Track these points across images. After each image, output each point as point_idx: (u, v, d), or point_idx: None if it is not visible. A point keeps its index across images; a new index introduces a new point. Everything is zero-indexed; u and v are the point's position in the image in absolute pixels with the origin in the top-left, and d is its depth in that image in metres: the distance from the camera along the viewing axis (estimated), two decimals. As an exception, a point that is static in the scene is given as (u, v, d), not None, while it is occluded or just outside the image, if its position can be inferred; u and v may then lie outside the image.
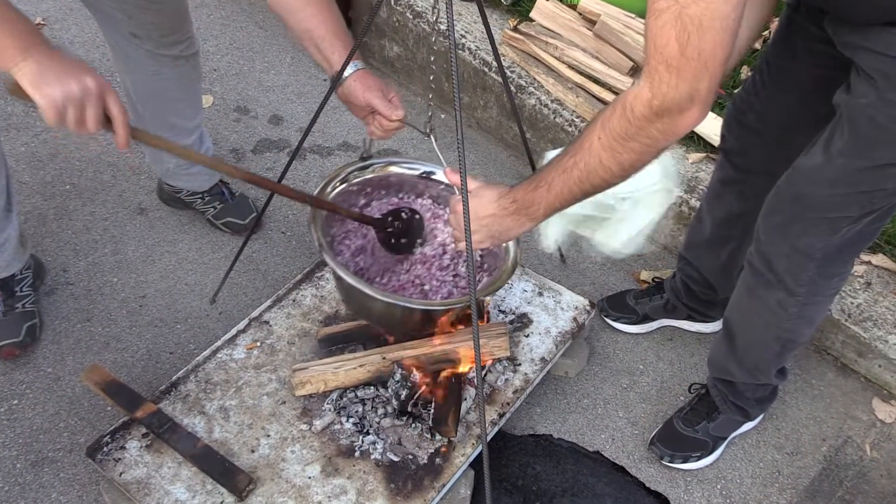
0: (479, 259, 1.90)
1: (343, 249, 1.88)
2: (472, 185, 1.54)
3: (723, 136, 1.95)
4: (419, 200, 1.98)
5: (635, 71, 2.64)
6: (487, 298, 2.13)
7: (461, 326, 1.95)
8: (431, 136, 1.77)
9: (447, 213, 1.89)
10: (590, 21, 2.77)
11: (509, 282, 2.21)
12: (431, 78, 1.80)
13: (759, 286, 1.74)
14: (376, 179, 1.93)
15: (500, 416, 1.92)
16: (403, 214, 1.85)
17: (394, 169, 1.93)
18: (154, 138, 1.55)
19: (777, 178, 1.63)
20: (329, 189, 1.86)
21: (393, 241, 1.84)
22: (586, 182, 1.34)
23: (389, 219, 1.83)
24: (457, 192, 1.66)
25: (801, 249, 1.61)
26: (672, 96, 1.16)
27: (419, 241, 1.89)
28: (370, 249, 1.89)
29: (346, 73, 1.68)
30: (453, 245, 1.84)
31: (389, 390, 1.87)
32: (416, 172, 1.94)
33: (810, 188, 1.54)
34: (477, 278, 1.84)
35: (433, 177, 1.94)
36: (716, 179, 2.03)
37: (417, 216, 1.86)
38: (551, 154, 1.62)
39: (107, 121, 1.43)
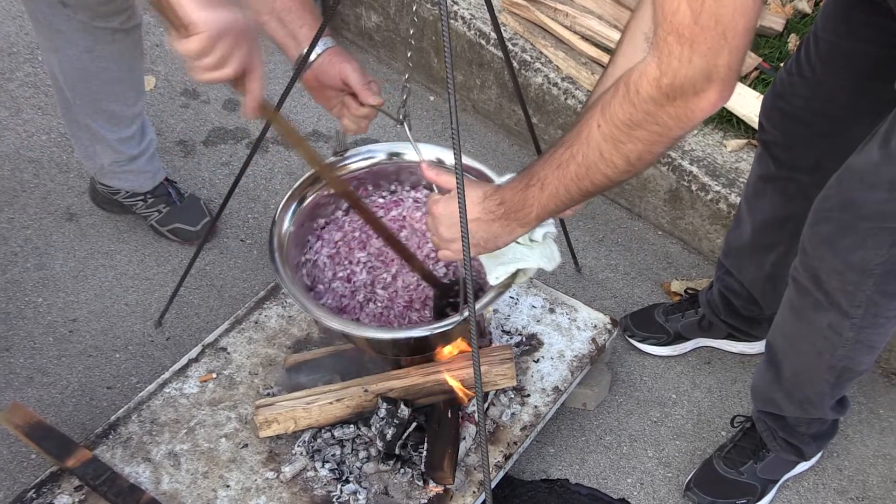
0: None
1: (318, 250, 1.89)
2: (451, 182, 1.53)
3: (761, 126, 1.95)
4: (413, 193, 1.98)
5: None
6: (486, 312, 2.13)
7: (458, 351, 1.95)
8: (405, 124, 1.76)
9: None
10: (606, -17, 2.78)
11: (514, 296, 2.22)
12: (409, 55, 1.78)
13: (807, 307, 1.73)
14: (359, 174, 1.93)
15: (506, 457, 1.92)
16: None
17: (358, 163, 1.94)
18: (290, 129, 1.58)
19: (830, 176, 1.61)
20: (302, 196, 1.87)
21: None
22: (585, 179, 1.33)
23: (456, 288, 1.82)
24: (435, 191, 1.65)
25: (854, 265, 1.60)
26: (685, 73, 1.15)
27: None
28: (344, 253, 1.89)
29: (315, 52, 1.68)
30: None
31: (373, 429, 1.86)
32: (380, 157, 1.95)
33: (865, 193, 1.53)
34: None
35: (405, 157, 1.95)
36: (755, 175, 2.03)
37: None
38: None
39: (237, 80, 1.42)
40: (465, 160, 1.86)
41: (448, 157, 1.88)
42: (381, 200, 1.98)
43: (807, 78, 1.78)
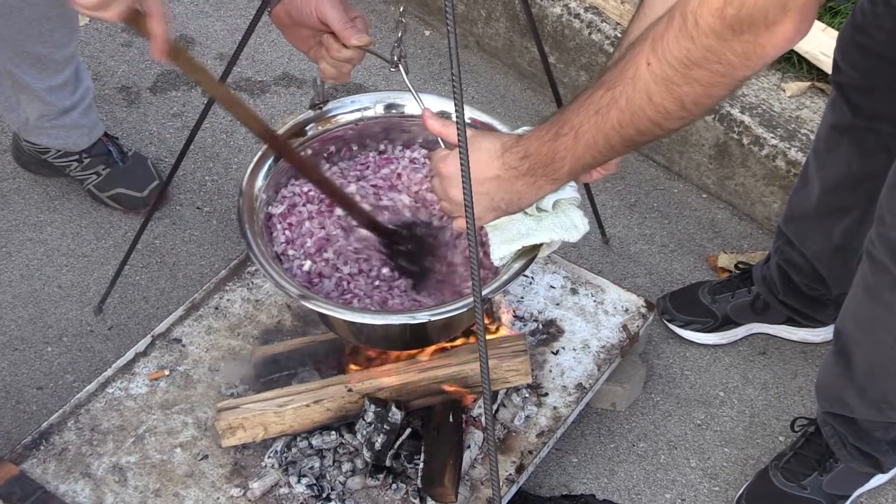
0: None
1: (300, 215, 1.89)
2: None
3: (836, 65, 1.94)
4: (407, 153, 1.97)
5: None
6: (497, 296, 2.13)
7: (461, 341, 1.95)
8: (400, 66, 1.76)
9: None
10: None
11: (529, 274, 2.21)
12: (405, -20, 1.78)
13: (884, 286, 1.73)
14: (341, 131, 1.93)
15: (520, 469, 1.92)
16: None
17: (345, 116, 1.93)
18: (199, 69, 1.64)
19: None
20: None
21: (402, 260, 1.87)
22: (629, 126, 1.33)
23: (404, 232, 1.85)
24: (442, 145, 1.64)
25: None
26: (754, 1, 1.15)
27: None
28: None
29: None
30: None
31: (359, 436, 1.87)
32: (371, 109, 1.94)
33: None
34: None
35: (404, 111, 1.94)
36: (827, 125, 2.02)
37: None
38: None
39: (136, 15, 1.53)
40: (472, 112, 1.85)
41: (451, 109, 1.88)
42: (369, 160, 1.97)
43: (893, 6, 1.76)
